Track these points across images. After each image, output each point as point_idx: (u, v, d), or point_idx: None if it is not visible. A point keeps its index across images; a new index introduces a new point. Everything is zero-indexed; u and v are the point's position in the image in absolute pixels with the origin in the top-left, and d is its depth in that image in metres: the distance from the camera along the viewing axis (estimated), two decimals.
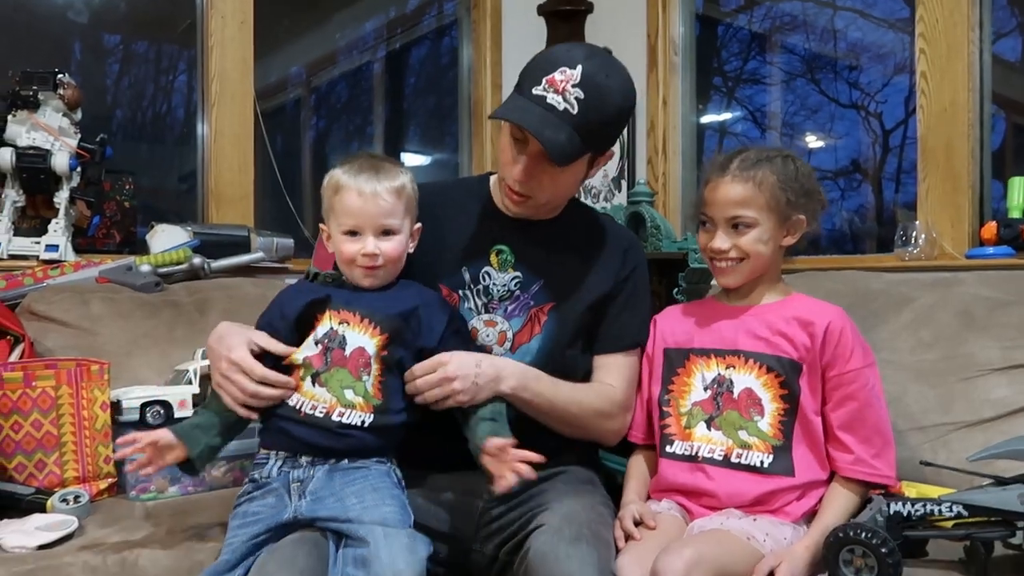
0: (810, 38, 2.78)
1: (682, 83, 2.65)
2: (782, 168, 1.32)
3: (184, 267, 2.02)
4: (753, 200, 1.30)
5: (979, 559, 1.14)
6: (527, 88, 1.27)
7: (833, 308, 1.33)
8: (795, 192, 1.31)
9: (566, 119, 1.23)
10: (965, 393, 1.48)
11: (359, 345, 1.22)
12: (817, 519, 1.24)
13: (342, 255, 1.27)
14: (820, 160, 2.80)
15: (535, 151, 1.26)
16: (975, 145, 1.94)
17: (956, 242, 1.91)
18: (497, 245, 1.38)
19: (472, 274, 1.38)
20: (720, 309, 1.39)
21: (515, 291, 1.37)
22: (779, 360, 1.29)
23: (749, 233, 1.31)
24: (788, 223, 1.33)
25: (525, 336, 1.36)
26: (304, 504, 1.17)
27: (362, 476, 1.20)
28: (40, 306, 1.80)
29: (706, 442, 1.31)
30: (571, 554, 1.11)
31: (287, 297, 1.31)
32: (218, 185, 2.38)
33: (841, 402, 1.28)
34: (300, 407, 1.21)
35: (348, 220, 1.25)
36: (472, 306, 1.37)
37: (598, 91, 1.24)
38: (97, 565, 1.23)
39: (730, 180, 1.31)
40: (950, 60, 1.94)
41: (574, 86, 1.23)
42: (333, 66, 3.60)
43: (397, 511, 1.15)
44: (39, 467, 1.48)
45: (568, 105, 1.23)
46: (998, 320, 1.52)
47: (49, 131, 1.95)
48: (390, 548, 1.07)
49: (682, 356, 1.38)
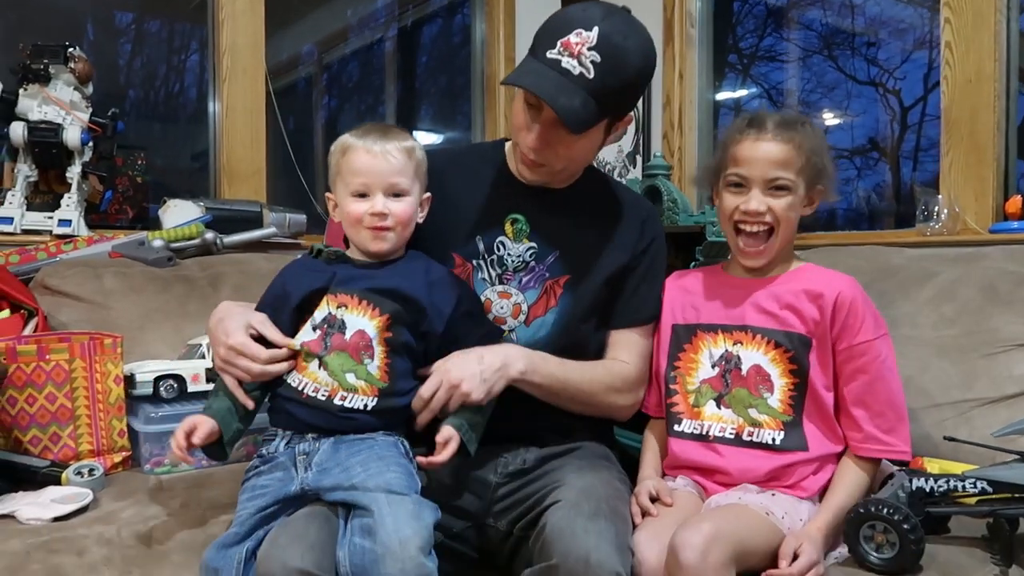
0: (827, 13, 2.72)
1: (698, 57, 2.61)
2: (812, 134, 1.28)
3: (196, 242, 2.02)
4: (793, 162, 1.26)
5: (1003, 536, 1.13)
6: (541, 52, 1.22)
7: (844, 278, 1.29)
8: (822, 161, 1.28)
9: (581, 84, 1.19)
10: (988, 369, 1.45)
11: (359, 328, 1.20)
12: (827, 497, 1.22)
13: (350, 217, 1.24)
14: (837, 138, 2.75)
15: (549, 118, 1.22)
16: (1001, 117, 1.90)
17: (980, 216, 1.87)
18: (512, 214, 1.35)
19: (486, 244, 1.35)
20: (728, 281, 1.35)
21: (530, 262, 1.34)
22: (787, 335, 1.26)
23: (785, 197, 1.26)
24: (812, 191, 1.30)
25: (540, 309, 1.34)
26: (310, 476, 1.16)
27: (367, 447, 1.19)
28: (53, 280, 1.80)
29: (717, 420, 1.29)
30: (589, 529, 1.09)
31: (290, 276, 1.28)
32: (230, 161, 2.37)
33: (852, 375, 1.25)
34: (303, 388, 1.20)
35: (356, 179, 1.23)
36: (486, 276, 1.35)
37: (616, 54, 1.19)
38: (111, 537, 1.23)
39: (772, 138, 1.26)
40: (976, 30, 1.89)
41: (590, 49, 1.18)
42: (345, 43, 3.58)
43: (402, 477, 1.14)
44: (54, 440, 1.49)
45: (584, 69, 1.18)
46: (1023, 295, 1.49)
47: (61, 105, 1.94)
48: (395, 515, 1.06)
49: (689, 332, 1.35)
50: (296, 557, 1.03)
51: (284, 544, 1.06)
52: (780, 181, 1.26)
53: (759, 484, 1.24)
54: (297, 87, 3.53)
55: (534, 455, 1.32)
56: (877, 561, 1.09)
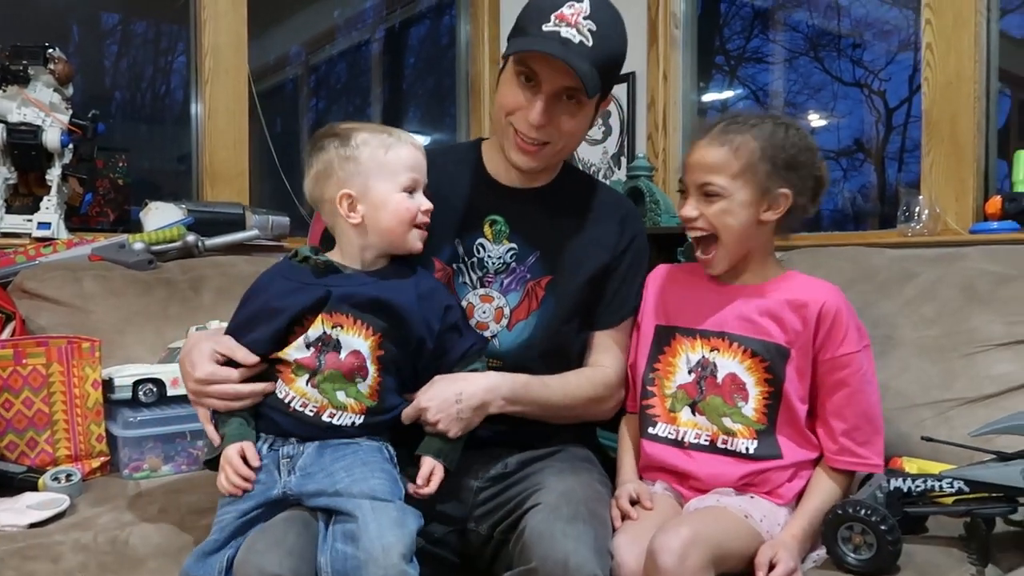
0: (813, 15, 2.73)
1: (683, 58, 2.61)
2: (771, 134, 1.23)
3: (178, 245, 2.01)
4: (725, 166, 1.22)
5: (980, 535, 1.13)
6: (535, 27, 1.21)
7: (828, 287, 1.27)
8: (779, 162, 1.22)
9: (584, 52, 1.19)
10: (967, 369, 1.45)
11: (354, 348, 1.18)
12: (802, 504, 1.22)
13: (406, 214, 1.20)
14: (823, 139, 2.76)
15: (552, 90, 1.22)
16: (981, 118, 1.90)
17: (960, 217, 1.88)
18: (491, 215, 1.34)
19: (466, 247, 1.34)
20: (711, 286, 1.32)
21: (511, 263, 1.33)
22: (765, 344, 1.24)
23: (717, 203, 1.22)
24: (769, 196, 1.23)
25: (522, 312, 1.33)
26: (293, 480, 1.15)
27: (352, 451, 1.18)
28: (32, 284, 1.78)
29: (692, 427, 1.27)
30: (568, 532, 1.09)
31: (276, 293, 1.21)
32: (213, 163, 2.36)
33: (834, 387, 1.24)
34: (289, 402, 1.18)
35: (410, 175, 1.21)
36: (467, 280, 1.34)
37: (608, 22, 1.22)
38: (88, 543, 1.22)
39: (706, 143, 1.24)
40: (956, 31, 1.90)
41: (585, 18, 1.20)
42: (331, 44, 3.57)
43: (386, 483, 1.13)
44: (30, 445, 1.47)
45: (583, 38, 1.19)
46: (1002, 295, 1.49)
47: (40, 106, 1.92)
48: (379, 522, 1.05)
49: (669, 334, 1.33)
50: (274, 563, 1.02)
51: (261, 550, 1.05)
52: (708, 187, 1.23)
53: (734, 488, 1.23)
54: (284, 88, 3.52)
55: (516, 459, 1.31)
56: (855, 562, 1.09)
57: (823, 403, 1.25)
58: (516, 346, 1.32)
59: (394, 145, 1.21)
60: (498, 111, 1.30)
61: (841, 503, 1.12)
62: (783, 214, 1.25)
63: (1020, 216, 1.72)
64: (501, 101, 1.28)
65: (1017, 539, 1.16)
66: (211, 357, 1.18)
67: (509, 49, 1.24)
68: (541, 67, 1.21)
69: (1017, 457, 1.12)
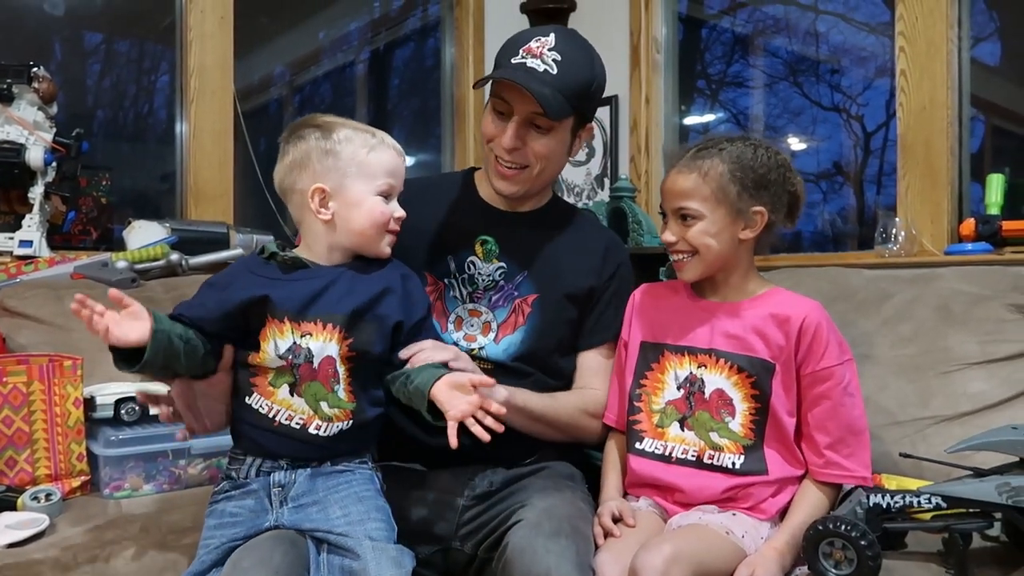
0: (792, 41, 2.79)
1: (665, 81, 2.66)
2: (738, 156, 1.26)
3: (161, 263, 2.00)
4: (696, 191, 1.26)
5: (957, 551, 1.14)
6: (506, 60, 1.33)
7: (809, 302, 1.30)
8: (749, 182, 1.26)
9: (547, 79, 1.28)
10: (943, 387, 1.48)
11: (326, 355, 1.15)
12: (787, 518, 1.23)
13: (380, 217, 1.19)
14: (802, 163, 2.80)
15: (522, 116, 1.31)
16: (954, 142, 1.95)
17: (935, 239, 1.92)
18: (482, 236, 1.41)
19: (457, 263, 1.40)
20: (696, 303, 1.35)
21: (499, 281, 1.39)
22: (751, 360, 1.27)
23: (696, 225, 1.27)
24: (744, 216, 1.27)
25: (509, 328, 1.37)
26: (286, 512, 1.13)
27: (346, 482, 1.17)
28: (13, 302, 1.77)
29: (680, 442, 1.29)
30: (550, 548, 1.10)
31: (241, 281, 1.18)
32: (197, 182, 2.36)
33: (815, 400, 1.26)
34: (275, 416, 1.15)
35: (388, 180, 1.20)
36: (457, 295, 1.39)
37: (573, 54, 1.32)
38: (68, 563, 1.20)
39: (676, 172, 1.30)
40: (929, 58, 1.95)
41: (550, 50, 1.30)
42: (316, 65, 3.58)
43: (383, 527, 1.12)
44: (10, 464, 1.45)
45: (547, 67, 1.29)
46: (976, 315, 1.53)
47: (23, 125, 1.92)
48: (378, 562, 1.05)
49: (657, 352, 1.35)
50: None
51: (247, 568, 1.04)
52: (684, 211, 1.28)
53: (717, 504, 1.25)
54: (269, 109, 3.52)
55: (501, 476, 1.32)
56: None
57: (806, 417, 1.27)
58: (504, 358, 1.36)
59: (377, 147, 1.20)
60: (483, 141, 1.40)
61: (821, 519, 1.13)
62: (761, 231, 1.29)
63: (993, 238, 1.76)
64: (483, 131, 1.39)
65: (994, 554, 1.18)
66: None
67: (480, 81, 1.36)
68: (510, 95, 1.30)
69: (993, 473, 1.14)
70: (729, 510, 1.24)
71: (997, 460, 1.16)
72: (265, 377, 1.17)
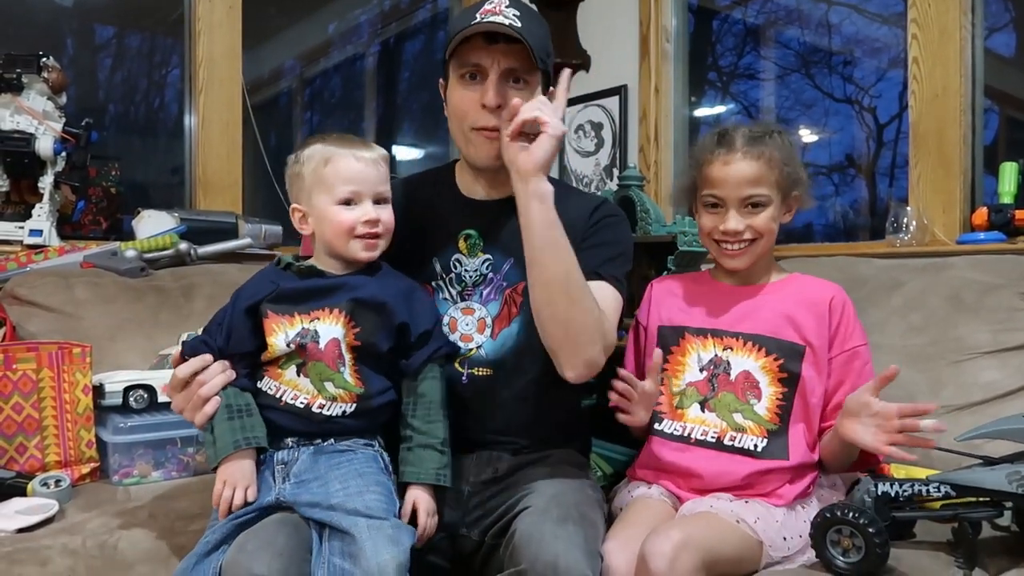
0: (804, 33, 2.77)
1: (674, 71, 2.65)
2: (781, 144, 1.30)
3: (170, 253, 2.01)
4: (766, 178, 1.28)
5: (967, 540, 1.14)
6: (466, 25, 1.26)
7: (833, 285, 1.33)
8: (793, 168, 1.30)
9: (516, 31, 1.24)
10: (955, 377, 1.47)
11: (332, 337, 1.20)
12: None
13: (341, 226, 1.21)
14: (814, 155, 2.79)
15: (498, 72, 1.26)
16: (967, 131, 1.93)
17: (947, 228, 1.90)
18: (464, 230, 1.37)
19: (443, 264, 1.36)
20: (719, 288, 1.37)
21: (487, 274, 1.35)
22: (779, 343, 1.28)
23: (763, 212, 1.29)
24: (788, 200, 1.32)
25: (504, 320, 1.34)
26: (288, 487, 1.15)
27: (348, 460, 1.19)
28: (23, 290, 1.78)
29: (699, 423, 1.29)
30: (558, 534, 1.09)
31: (251, 290, 1.24)
32: (206, 172, 2.37)
33: (843, 380, 1.27)
34: (281, 396, 1.20)
35: (346, 187, 1.20)
36: (447, 296, 1.36)
37: (528, 10, 1.30)
38: (76, 548, 1.21)
39: (741, 157, 1.28)
40: (942, 46, 1.93)
41: (507, 7, 1.27)
42: (326, 58, 3.58)
43: (382, 499, 1.13)
44: (20, 451, 1.46)
45: (511, 20, 1.25)
46: (988, 303, 1.51)
47: (33, 115, 1.93)
48: (374, 540, 1.06)
49: (677, 334, 1.35)
50: (263, 565, 1.02)
51: (251, 551, 1.05)
52: (755, 199, 1.29)
53: (733, 491, 1.24)
54: (278, 101, 3.53)
55: (506, 463, 1.32)
56: (843, 565, 1.09)
57: (832, 394, 1.28)
58: (503, 352, 1.33)
59: (334, 158, 1.21)
60: (456, 123, 1.32)
61: (830, 506, 1.12)
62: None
63: (1006, 227, 1.74)
64: (454, 109, 1.31)
65: (1004, 543, 1.16)
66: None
67: (448, 50, 1.29)
68: (481, 56, 1.26)
69: (1003, 462, 1.13)
70: (742, 498, 1.23)
71: (1008, 448, 1.15)
72: (276, 363, 1.21)
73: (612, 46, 2.70)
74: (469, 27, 1.25)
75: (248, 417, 1.18)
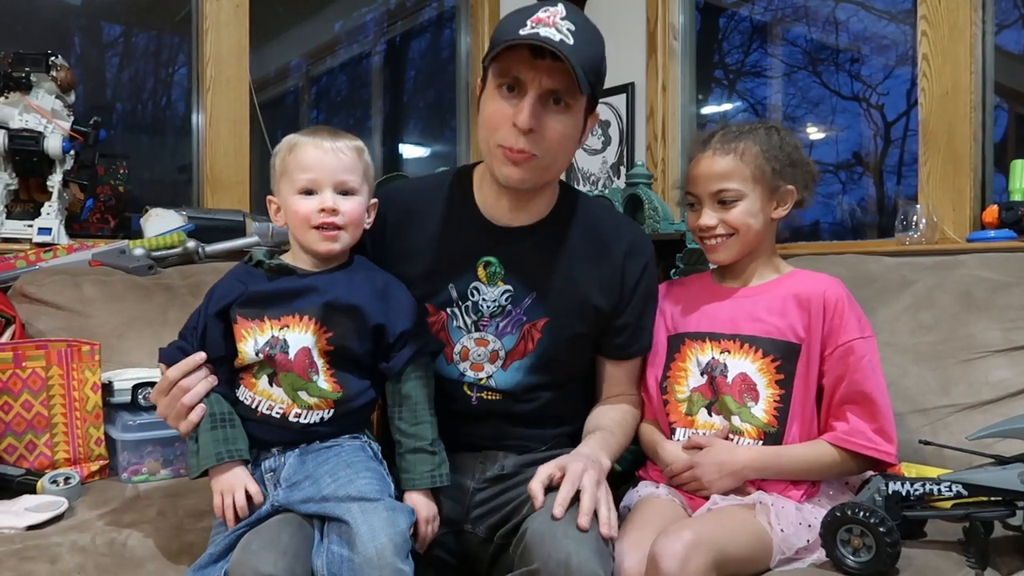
0: (812, 30, 2.76)
1: (681, 69, 2.64)
2: (765, 138, 1.30)
3: (178, 251, 2.01)
4: (736, 172, 1.28)
5: (979, 539, 1.13)
6: (512, 34, 1.14)
7: (828, 279, 1.31)
8: (780, 161, 1.29)
9: (566, 49, 1.12)
10: (965, 375, 1.46)
11: (302, 346, 1.16)
12: (784, 447, 1.23)
13: (297, 216, 1.18)
14: (822, 153, 2.78)
15: (538, 92, 1.15)
16: (977, 128, 1.92)
17: (957, 226, 1.89)
18: (484, 257, 1.29)
19: (459, 291, 1.29)
20: (716, 290, 1.36)
21: (506, 306, 1.29)
22: (775, 343, 1.27)
23: (736, 207, 1.29)
24: (777, 194, 1.31)
25: (518, 354, 1.30)
26: (281, 493, 1.15)
27: (335, 454, 1.18)
28: (32, 288, 1.78)
29: (709, 428, 1.29)
30: (569, 533, 1.08)
31: (221, 293, 1.21)
32: (213, 170, 2.37)
33: (841, 376, 1.25)
34: (256, 406, 1.18)
35: (304, 175, 1.18)
36: (461, 324, 1.30)
37: (586, 25, 1.18)
38: (85, 545, 1.21)
39: (711, 154, 1.30)
40: (952, 43, 1.92)
41: (562, 19, 1.15)
42: (332, 56, 3.58)
43: (373, 482, 1.13)
44: (29, 448, 1.47)
45: (563, 36, 1.13)
46: (999, 301, 1.50)
47: (42, 113, 1.93)
48: (369, 523, 1.05)
49: (678, 341, 1.35)
50: (268, 563, 1.02)
51: (256, 550, 1.05)
52: (724, 194, 1.28)
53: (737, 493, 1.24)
54: (285, 100, 3.53)
55: (512, 461, 1.31)
56: (854, 564, 1.09)
57: (832, 394, 1.26)
58: (513, 385, 1.32)
59: (296, 147, 1.19)
60: (484, 134, 1.22)
61: (840, 505, 1.12)
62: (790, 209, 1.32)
63: (1017, 225, 1.73)
64: (486, 119, 1.21)
65: (1016, 543, 1.16)
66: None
67: (489, 55, 1.16)
68: (523, 70, 1.15)
69: (1015, 461, 1.12)
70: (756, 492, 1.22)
71: (1019, 447, 1.14)
72: (250, 370, 1.19)
73: (619, 44, 2.69)
74: (517, 37, 1.13)
75: (231, 428, 1.17)
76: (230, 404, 1.19)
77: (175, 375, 1.17)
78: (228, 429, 1.16)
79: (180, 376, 1.16)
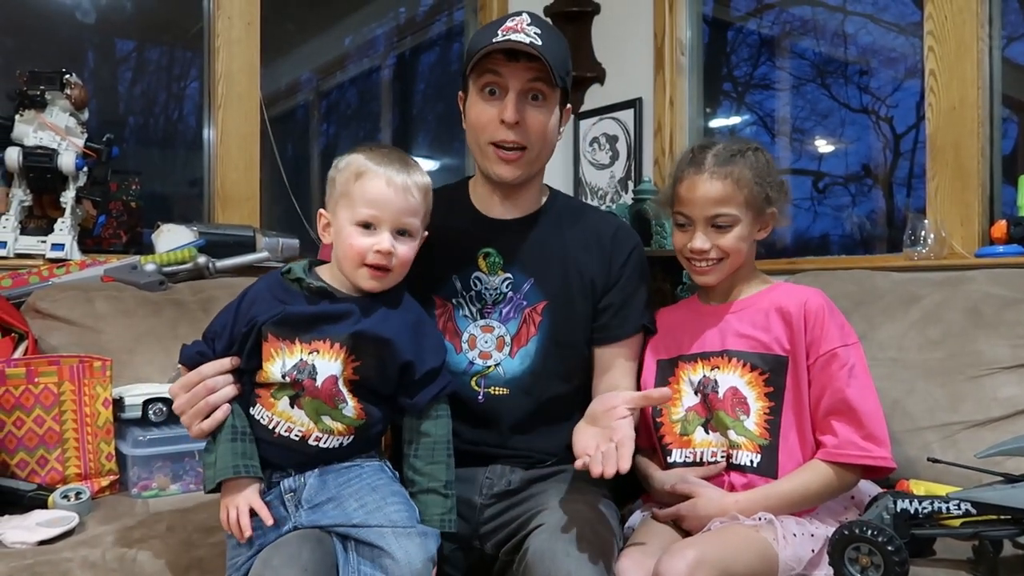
0: (820, 43, 2.76)
1: (689, 84, 2.65)
2: (755, 162, 1.30)
3: (189, 266, 2.03)
4: (733, 198, 1.28)
5: (988, 558, 1.12)
6: (487, 42, 1.28)
7: (809, 290, 1.31)
8: (769, 186, 1.30)
9: (536, 48, 1.26)
10: (973, 392, 1.46)
11: (329, 374, 1.13)
12: (773, 483, 1.22)
13: (351, 250, 1.15)
14: (830, 165, 2.78)
15: (518, 87, 1.29)
16: (985, 143, 1.92)
17: (966, 241, 1.88)
18: (483, 248, 1.38)
19: (463, 281, 1.38)
20: (703, 311, 1.38)
21: (507, 292, 1.37)
22: (762, 357, 1.28)
23: (731, 232, 1.29)
24: (762, 217, 1.32)
25: (522, 339, 1.36)
26: (303, 514, 1.14)
27: (356, 475, 1.17)
28: (45, 304, 1.80)
29: (707, 446, 1.29)
30: (571, 552, 1.09)
31: (259, 308, 1.16)
32: (224, 186, 2.39)
33: (824, 385, 1.25)
34: (274, 427, 1.14)
35: (367, 210, 1.14)
36: (467, 313, 1.37)
37: (549, 29, 1.32)
38: (96, 561, 1.23)
39: (708, 177, 1.28)
40: (959, 58, 1.92)
41: (528, 25, 1.29)
42: (342, 71, 3.61)
43: (403, 509, 1.12)
44: (41, 463, 1.48)
45: (532, 39, 1.27)
46: (1007, 318, 1.50)
47: (56, 131, 1.96)
48: (405, 548, 1.06)
49: (672, 365, 1.37)
50: None
51: (277, 566, 1.05)
52: (721, 219, 1.28)
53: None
54: (295, 114, 3.56)
55: (519, 476, 1.32)
56: None
57: (818, 404, 1.26)
58: (520, 372, 1.35)
59: (366, 174, 1.15)
60: (474, 135, 1.34)
61: (848, 523, 1.12)
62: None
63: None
64: (473, 123, 1.33)
65: None
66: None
67: (469, 64, 1.31)
68: (503, 68, 1.28)
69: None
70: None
71: None
72: (268, 389, 1.16)
73: (627, 59, 2.71)
74: (491, 44, 1.27)
75: (250, 443, 1.14)
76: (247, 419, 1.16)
77: (209, 371, 1.14)
78: (247, 444, 1.14)
79: (213, 374, 1.15)
